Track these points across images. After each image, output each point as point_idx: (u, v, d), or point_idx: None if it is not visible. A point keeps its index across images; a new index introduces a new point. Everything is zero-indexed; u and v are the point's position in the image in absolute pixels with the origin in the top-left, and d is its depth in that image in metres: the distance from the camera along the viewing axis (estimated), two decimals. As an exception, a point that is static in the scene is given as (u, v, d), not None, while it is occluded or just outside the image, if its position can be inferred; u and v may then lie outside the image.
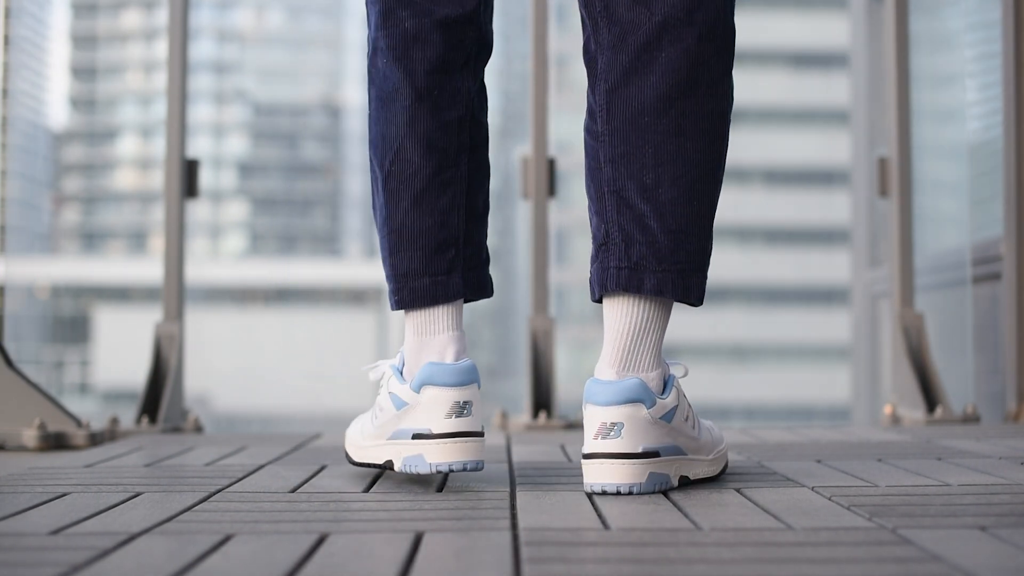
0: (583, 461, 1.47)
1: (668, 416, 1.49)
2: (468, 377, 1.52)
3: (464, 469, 1.50)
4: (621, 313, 1.50)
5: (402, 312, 1.60)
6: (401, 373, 1.58)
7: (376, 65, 1.61)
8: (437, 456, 1.49)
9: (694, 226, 1.50)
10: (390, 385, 1.57)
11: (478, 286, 1.61)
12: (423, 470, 1.50)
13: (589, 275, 1.56)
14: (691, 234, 1.50)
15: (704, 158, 1.49)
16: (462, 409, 1.50)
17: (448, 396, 1.50)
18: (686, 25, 1.47)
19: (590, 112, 1.55)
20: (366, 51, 1.64)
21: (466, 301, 1.61)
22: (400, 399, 1.55)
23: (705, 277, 1.54)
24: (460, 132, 1.59)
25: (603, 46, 1.51)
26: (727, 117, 1.53)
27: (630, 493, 1.44)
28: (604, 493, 1.45)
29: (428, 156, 1.57)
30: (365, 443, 1.62)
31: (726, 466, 1.62)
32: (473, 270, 1.60)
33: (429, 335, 1.56)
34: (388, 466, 1.56)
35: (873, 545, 1.11)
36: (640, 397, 1.45)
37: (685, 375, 1.57)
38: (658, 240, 1.48)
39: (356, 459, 1.64)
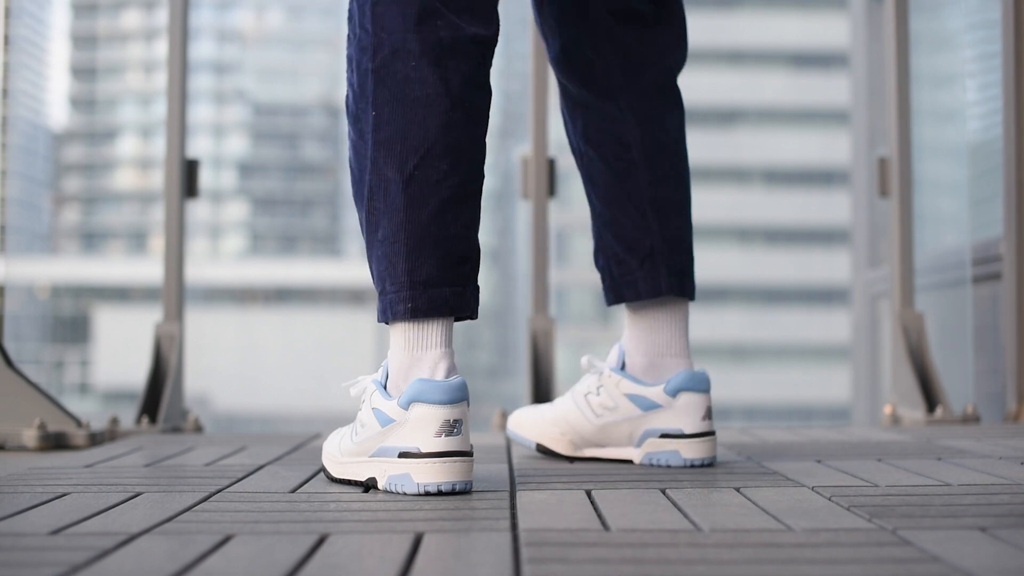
0: (694, 439, 1.75)
1: None
2: (459, 395, 1.48)
3: (453, 490, 1.47)
4: (674, 313, 1.82)
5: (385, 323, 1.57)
6: (385, 388, 1.54)
7: (392, 66, 1.54)
8: (425, 476, 1.46)
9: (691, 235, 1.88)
10: (373, 400, 1.53)
11: (476, 303, 1.59)
12: (410, 490, 1.47)
13: (610, 280, 1.83)
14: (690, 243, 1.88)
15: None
16: (452, 428, 1.47)
17: (438, 414, 1.47)
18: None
19: (618, 139, 1.82)
20: (355, 50, 1.57)
21: (457, 319, 1.57)
22: (386, 415, 1.50)
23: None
24: (483, 148, 1.59)
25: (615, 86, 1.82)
26: None
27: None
28: (703, 465, 1.75)
29: (457, 165, 1.54)
30: (344, 459, 1.58)
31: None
32: (476, 286, 1.60)
33: (421, 350, 1.53)
34: (371, 484, 1.53)
35: (873, 546, 1.11)
36: None
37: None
38: (689, 250, 1.84)
39: (335, 475, 1.60)
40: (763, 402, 37.85)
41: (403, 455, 1.48)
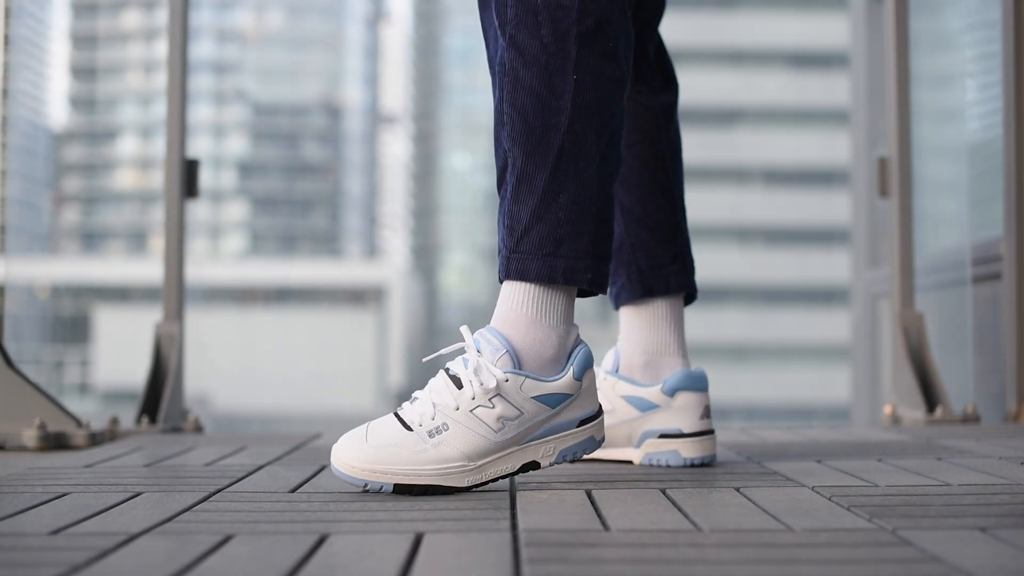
0: (693, 438, 1.76)
1: None
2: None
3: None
4: (675, 311, 1.84)
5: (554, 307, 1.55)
6: (519, 364, 1.52)
7: (597, 38, 1.53)
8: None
9: None
10: (527, 388, 1.49)
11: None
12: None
13: (638, 274, 1.85)
14: None
15: None
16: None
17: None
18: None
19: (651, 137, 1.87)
20: (549, 4, 1.53)
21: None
22: (557, 397, 1.51)
23: None
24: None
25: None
26: None
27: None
28: (703, 464, 1.76)
29: (621, 152, 1.61)
30: (481, 461, 1.49)
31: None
32: None
33: (571, 323, 1.56)
34: (530, 467, 1.51)
35: (873, 546, 1.11)
36: None
37: None
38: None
39: (467, 483, 1.50)
40: (763, 402, 37.85)
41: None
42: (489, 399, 1.49)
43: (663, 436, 1.77)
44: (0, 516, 1.33)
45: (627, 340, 1.85)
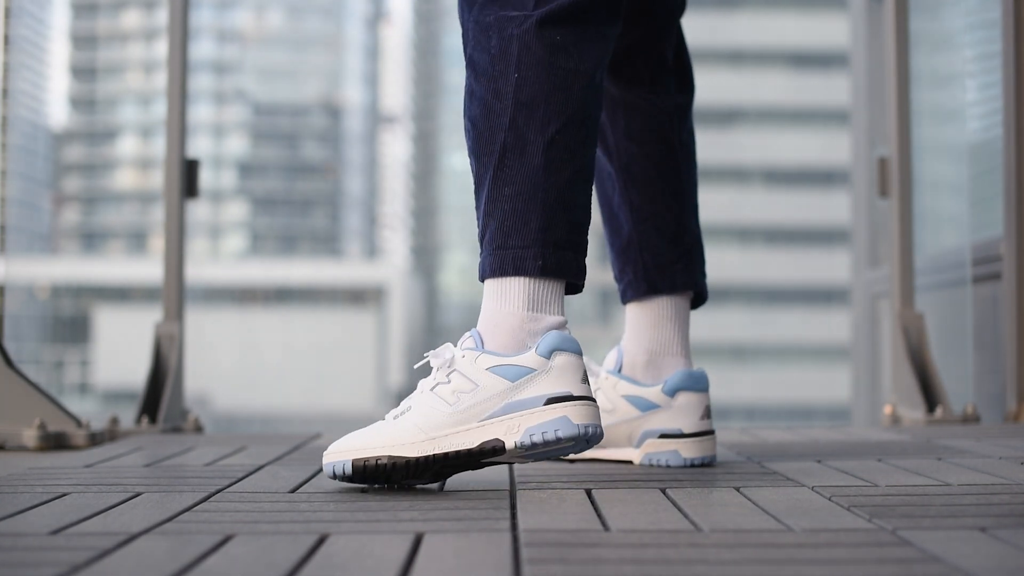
0: (693, 438, 1.76)
1: None
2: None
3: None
4: (680, 311, 1.86)
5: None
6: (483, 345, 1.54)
7: (541, 35, 1.57)
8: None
9: None
10: (483, 361, 1.51)
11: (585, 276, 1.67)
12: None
13: (644, 271, 1.83)
14: None
15: None
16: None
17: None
18: None
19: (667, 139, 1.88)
20: (497, 17, 1.58)
21: (569, 290, 1.62)
22: (519, 370, 1.50)
23: None
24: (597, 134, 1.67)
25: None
26: None
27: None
28: (703, 464, 1.76)
29: (590, 139, 1.60)
30: (436, 433, 1.49)
31: None
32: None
33: (542, 311, 1.55)
34: (493, 447, 1.48)
35: (873, 546, 1.11)
36: None
37: None
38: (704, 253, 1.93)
39: (415, 455, 1.48)
40: (763, 402, 37.86)
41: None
42: (447, 375, 1.52)
43: (663, 436, 1.77)
44: (0, 516, 1.33)
45: (631, 339, 1.85)
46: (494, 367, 1.50)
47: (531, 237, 1.54)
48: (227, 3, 54.22)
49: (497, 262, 1.55)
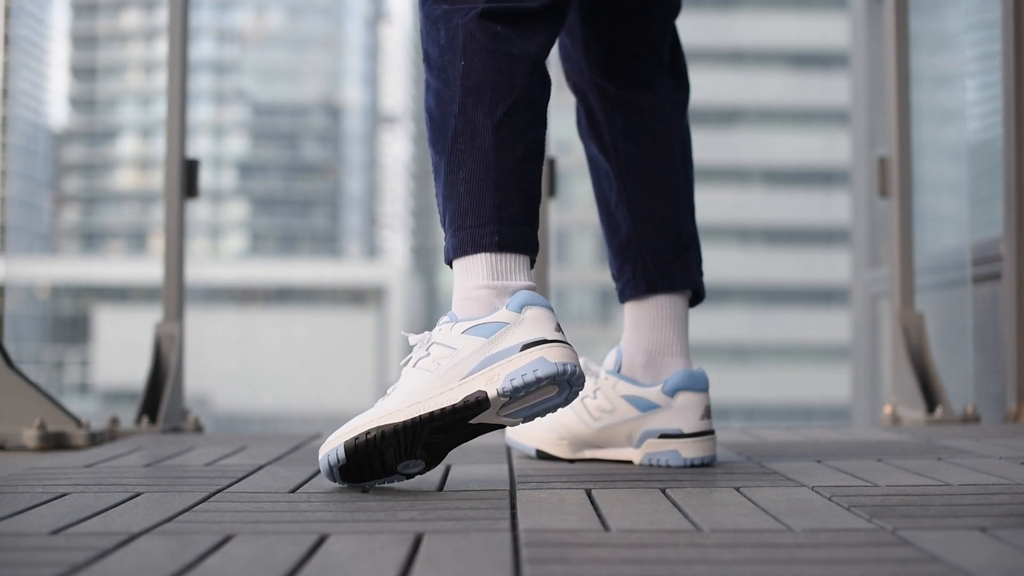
0: (693, 438, 1.76)
1: None
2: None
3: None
4: (679, 311, 1.86)
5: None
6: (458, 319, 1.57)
7: (484, 24, 1.62)
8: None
9: None
10: (457, 328, 1.54)
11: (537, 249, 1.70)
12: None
13: (643, 270, 1.84)
14: None
15: None
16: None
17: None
18: None
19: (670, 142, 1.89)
20: (444, 10, 1.64)
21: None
22: (493, 325, 1.53)
23: None
24: (546, 119, 1.69)
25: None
26: None
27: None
28: (703, 464, 1.76)
29: (538, 120, 1.64)
30: (419, 398, 1.51)
31: None
32: None
33: (507, 279, 1.59)
34: (478, 399, 1.49)
35: (873, 546, 1.11)
36: None
37: None
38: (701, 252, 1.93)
39: (402, 420, 1.50)
40: (763, 402, 37.84)
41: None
42: (427, 349, 1.55)
43: (663, 436, 1.77)
44: (0, 516, 1.33)
45: (630, 339, 1.85)
46: (469, 329, 1.54)
47: (487, 215, 1.60)
48: (227, 3, 54.22)
49: (458, 242, 1.61)
